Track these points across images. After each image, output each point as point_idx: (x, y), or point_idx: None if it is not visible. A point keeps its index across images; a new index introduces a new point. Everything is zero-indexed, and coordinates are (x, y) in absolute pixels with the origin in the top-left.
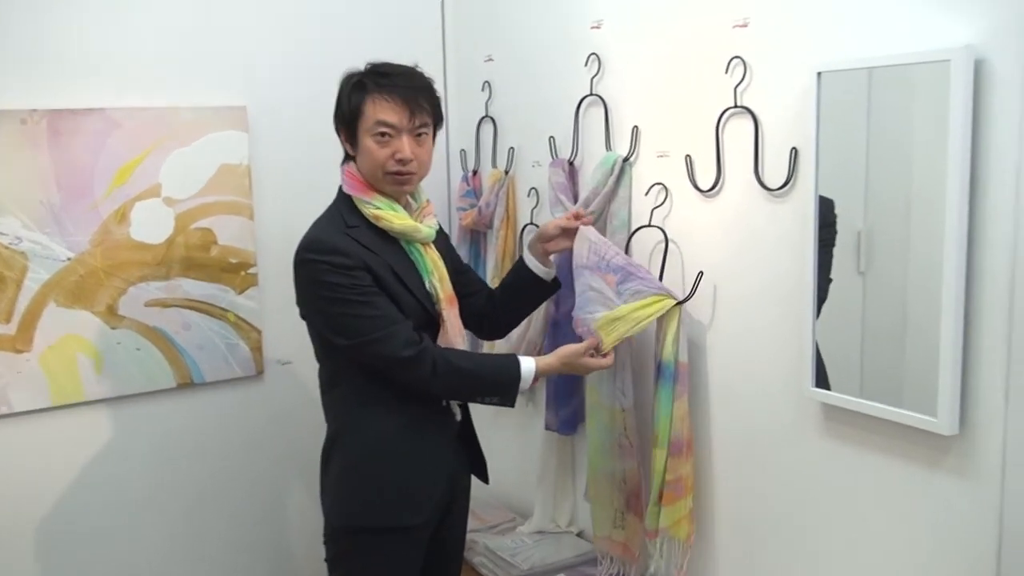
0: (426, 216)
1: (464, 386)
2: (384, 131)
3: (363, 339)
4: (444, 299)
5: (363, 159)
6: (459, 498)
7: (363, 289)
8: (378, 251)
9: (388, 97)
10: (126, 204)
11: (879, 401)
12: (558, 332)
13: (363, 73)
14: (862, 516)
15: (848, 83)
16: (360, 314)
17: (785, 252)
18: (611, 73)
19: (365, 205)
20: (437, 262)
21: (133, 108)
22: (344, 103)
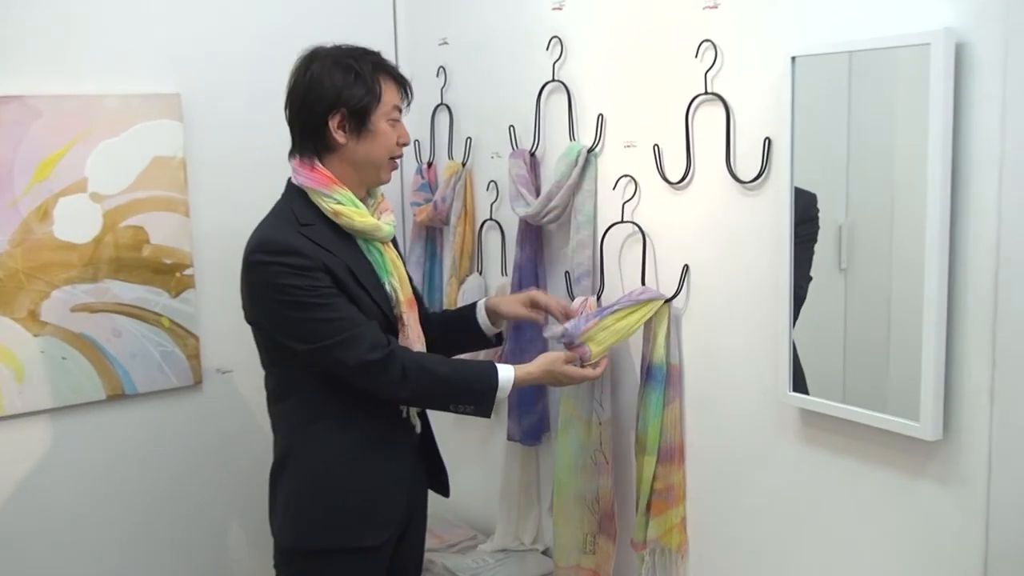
0: (384, 212)
1: (436, 393)
2: (397, 116)
3: (325, 343)
4: (404, 302)
5: (370, 146)
6: (417, 514)
7: (322, 291)
8: (335, 251)
9: (397, 82)
10: (49, 200)
11: (859, 405)
12: (521, 336)
13: (358, 54)
14: (842, 525)
15: (824, 68)
16: (321, 317)
17: (760, 249)
18: (574, 58)
19: (325, 199)
20: (396, 262)
21: (55, 96)
22: (362, 85)
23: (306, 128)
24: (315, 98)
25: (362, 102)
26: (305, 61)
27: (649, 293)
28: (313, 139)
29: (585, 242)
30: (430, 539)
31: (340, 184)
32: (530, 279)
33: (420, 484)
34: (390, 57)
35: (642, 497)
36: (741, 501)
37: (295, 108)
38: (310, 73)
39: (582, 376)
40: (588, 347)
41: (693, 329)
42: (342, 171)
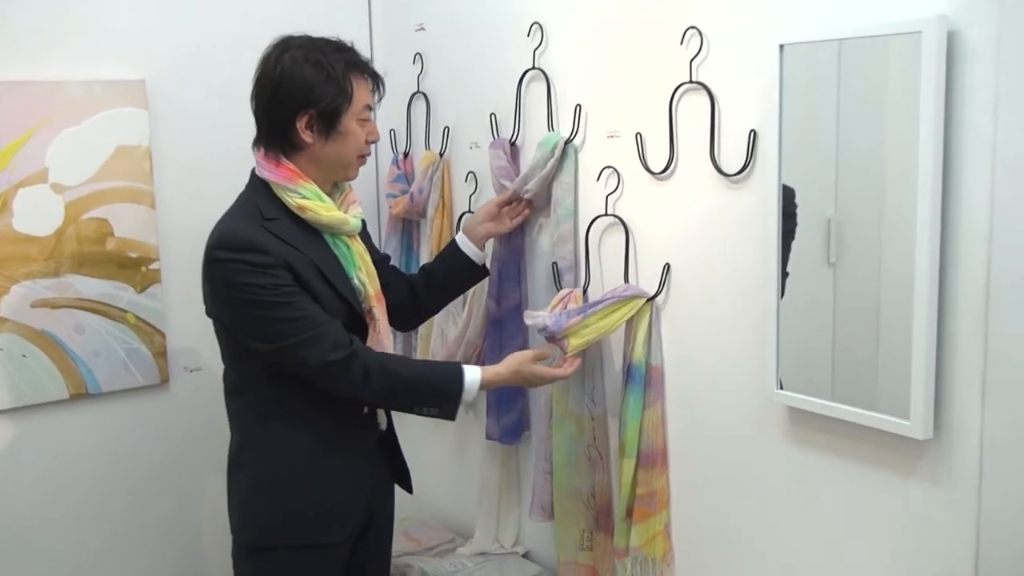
0: (351, 205)
1: (400, 394)
2: (367, 115)
3: (287, 343)
4: (373, 296)
5: (340, 146)
6: (380, 513)
7: (284, 290)
8: (300, 246)
9: (365, 78)
10: (8, 191)
11: (848, 403)
12: (501, 331)
13: (329, 49)
14: (831, 526)
15: (813, 57)
16: (283, 316)
17: (745, 243)
18: (556, 44)
19: (290, 194)
20: (364, 256)
21: (13, 82)
22: (332, 86)
23: (273, 125)
24: (284, 96)
25: (333, 103)
26: (275, 52)
27: (632, 291)
28: (280, 137)
29: (567, 236)
30: (407, 542)
31: (305, 178)
32: (512, 273)
33: (383, 481)
34: (362, 44)
35: (622, 502)
36: (729, 504)
37: (263, 103)
38: (280, 67)
39: (552, 376)
40: (568, 340)
41: (675, 327)
42: (308, 168)
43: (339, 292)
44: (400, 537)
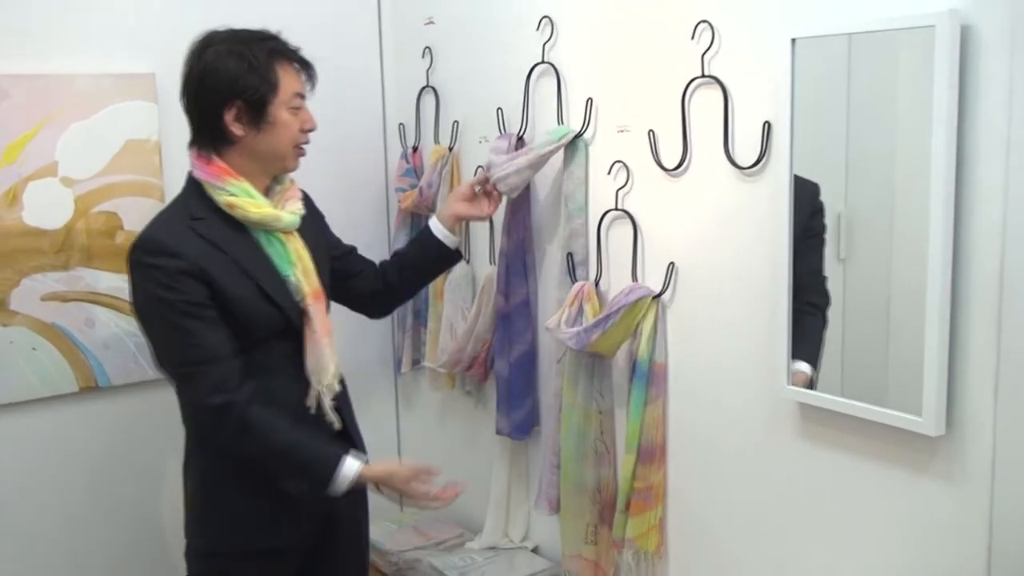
0: (289, 200)
1: (268, 462)
2: (299, 104)
3: (171, 369)
4: (309, 294)
5: (272, 137)
6: (343, 515)
7: (186, 308)
8: (226, 246)
9: (298, 66)
10: (17, 185)
11: (860, 400)
12: (510, 327)
13: (250, 41)
14: (842, 523)
15: (825, 51)
16: (174, 341)
17: (758, 237)
18: (566, 39)
19: (219, 192)
20: (301, 252)
21: (22, 75)
22: (255, 76)
23: (202, 121)
24: (208, 90)
25: (258, 93)
26: (198, 48)
27: (638, 292)
28: (210, 132)
29: (579, 231)
30: (416, 537)
31: (236, 176)
32: (519, 269)
33: None
34: (372, 37)
35: (623, 495)
36: (733, 501)
37: (190, 100)
38: (203, 62)
39: (418, 494)
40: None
41: (683, 324)
42: (243, 163)
43: (266, 292)
44: (409, 532)
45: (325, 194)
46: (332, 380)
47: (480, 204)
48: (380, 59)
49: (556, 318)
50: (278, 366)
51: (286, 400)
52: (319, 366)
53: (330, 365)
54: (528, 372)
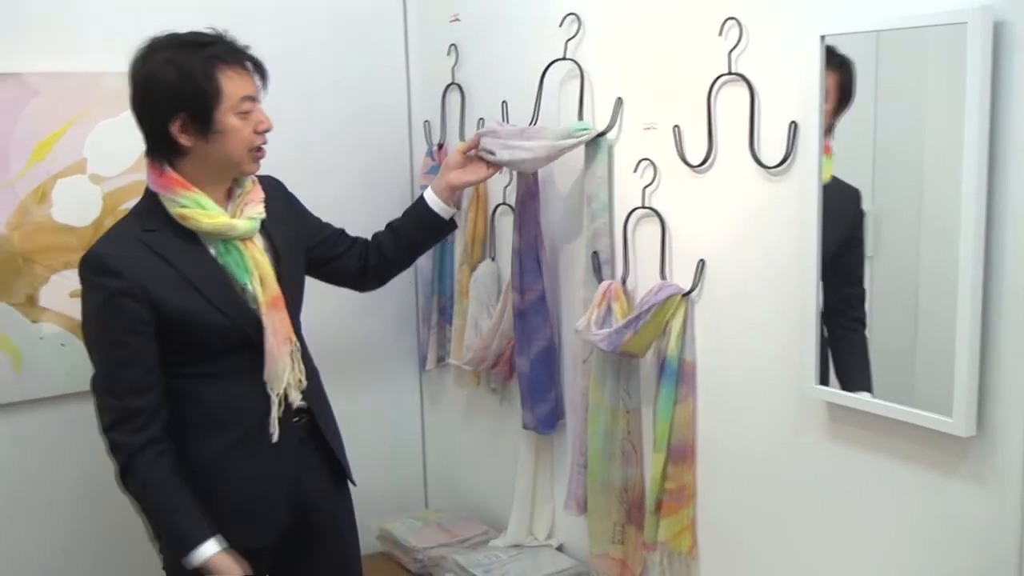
0: (249, 204)
1: (141, 510)
2: (249, 107)
3: (93, 383)
4: (266, 302)
5: (223, 144)
6: (319, 513)
7: (115, 336)
8: (175, 260)
9: (243, 68)
10: (47, 182)
11: (889, 400)
12: (525, 323)
13: (189, 48)
14: (871, 524)
15: (855, 49)
16: (99, 361)
17: (785, 236)
18: (591, 35)
19: (170, 203)
20: (259, 259)
21: (52, 73)
22: (194, 86)
23: (150, 133)
24: (152, 104)
25: (200, 102)
26: (138, 58)
27: (668, 290)
28: (161, 144)
29: (603, 230)
30: (441, 534)
31: (187, 187)
32: (531, 265)
33: (313, 476)
34: (397, 35)
35: (652, 495)
36: (760, 500)
37: (136, 112)
38: (142, 73)
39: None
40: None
41: (710, 322)
42: (198, 171)
43: (214, 303)
44: (434, 529)
45: (350, 191)
46: (289, 389)
47: (475, 169)
48: (405, 56)
49: (585, 319)
50: (237, 375)
51: (244, 409)
52: (272, 375)
53: (284, 374)
54: (549, 367)
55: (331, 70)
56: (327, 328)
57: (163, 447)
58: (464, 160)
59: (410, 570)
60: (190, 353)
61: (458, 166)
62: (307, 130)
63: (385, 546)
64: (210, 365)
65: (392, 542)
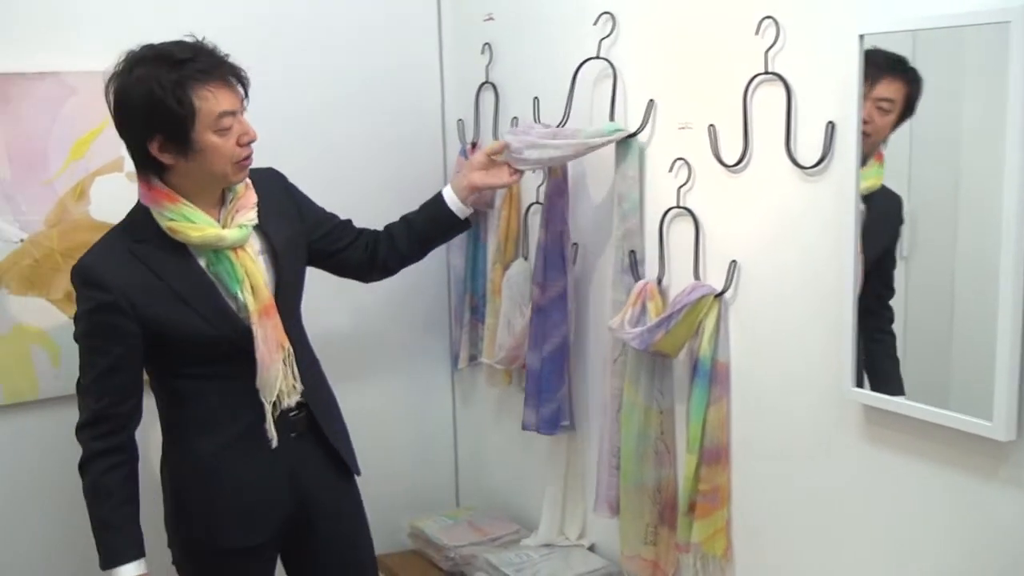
0: (240, 211)
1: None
2: (229, 122)
3: (77, 384)
4: (257, 311)
5: (204, 162)
6: (321, 508)
7: (97, 344)
8: (163, 272)
9: (219, 83)
10: (85, 180)
11: (927, 403)
12: (545, 320)
13: (162, 66)
14: (907, 529)
15: (895, 48)
16: (82, 363)
17: (823, 238)
18: (626, 34)
19: (159, 216)
20: (250, 267)
21: (90, 72)
22: (165, 109)
23: (131, 150)
24: (128, 125)
25: (174, 123)
26: (113, 75)
27: (700, 290)
28: (145, 160)
29: (634, 230)
30: (472, 533)
31: (175, 199)
32: (556, 261)
33: (312, 473)
34: (431, 33)
35: (685, 496)
36: (793, 503)
37: (117, 130)
38: (118, 93)
39: None
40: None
41: (744, 323)
42: (186, 184)
43: (202, 315)
44: (465, 527)
45: (383, 189)
46: (282, 396)
47: (498, 173)
48: (439, 55)
49: (619, 318)
50: (233, 377)
51: (240, 410)
52: (264, 383)
53: (276, 382)
54: (560, 366)
55: (365, 69)
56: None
57: (121, 459)
58: (488, 162)
59: (441, 568)
60: (185, 359)
61: (481, 167)
62: (341, 128)
63: (416, 544)
64: (205, 368)
65: (423, 540)
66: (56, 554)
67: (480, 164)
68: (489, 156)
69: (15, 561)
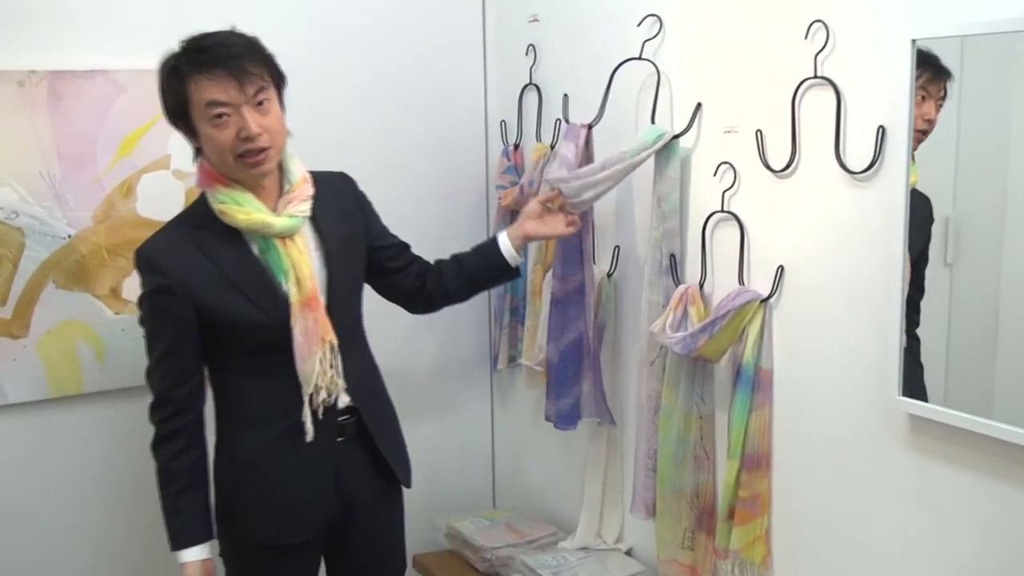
0: (293, 201)
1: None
2: (220, 112)
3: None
4: (299, 302)
5: (209, 151)
6: (361, 509)
7: (157, 326)
8: (216, 257)
9: (210, 74)
10: (132, 177)
11: (971, 412)
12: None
13: (175, 56)
14: (954, 541)
15: (947, 53)
16: (147, 347)
17: (870, 243)
18: (672, 36)
19: (210, 198)
20: (298, 258)
21: (140, 70)
22: (167, 96)
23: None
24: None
25: (174, 112)
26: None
27: (745, 296)
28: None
29: (673, 231)
30: (509, 534)
31: (225, 182)
32: (574, 255)
33: (358, 478)
34: (475, 35)
35: (725, 503)
36: (835, 512)
37: None
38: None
39: None
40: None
41: (789, 330)
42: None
43: (253, 301)
44: (502, 528)
45: (426, 190)
46: (319, 391)
47: (553, 222)
48: (483, 57)
49: (660, 322)
50: (278, 373)
51: (284, 407)
52: (302, 375)
53: (314, 375)
54: (576, 362)
55: (409, 70)
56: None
57: (186, 444)
58: (543, 211)
59: (477, 569)
60: (233, 349)
61: (536, 216)
62: (384, 129)
63: (453, 544)
64: (252, 362)
65: (460, 540)
66: (96, 546)
67: (535, 213)
68: (543, 204)
69: (56, 553)
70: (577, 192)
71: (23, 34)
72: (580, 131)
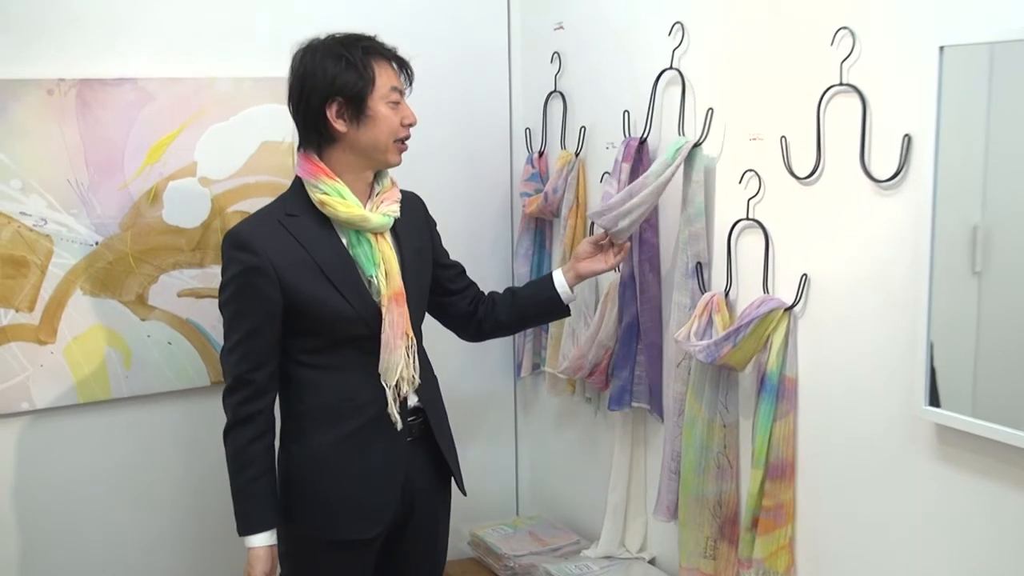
0: (385, 201)
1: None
2: (396, 98)
3: (221, 350)
4: (388, 295)
5: (372, 131)
6: (422, 509)
7: (244, 307)
8: (310, 245)
9: (389, 63)
10: (159, 184)
11: (1000, 423)
12: (623, 294)
13: (338, 43)
14: (981, 553)
15: (975, 60)
16: (228, 329)
17: (896, 252)
18: (697, 45)
19: (312, 189)
20: (388, 254)
21: (167, 79)
22: (353, 73)
23: (307, 121)
24: (310, 90)
25: (356, 88)
26: (299, 55)
27: (770, 304)
28: (315, 131)
29: (699, 235)
30: (532, 542)
31: (331, 176)
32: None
33: (421, 476)
34: (500, 42)
35: (748, 512)
36: (860, 523)
37: (294, 102)
38: (304, 66)
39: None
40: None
41: (814, 338)
42: (347, 160)
43: (341, 291)
44: (525, 536)
45: (450, 197)
46: (401, 383)
47: (603, 257)
48: (508, 64)
49: (685, 330)
50: (355, 367)
51: (360, 402)
52: (386, 366)
53: (398, 367)
54: (628, 347)
55: (434, 76)
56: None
57: (262, 429)
58: (594, 250)
59: None
60: (312, 340)
61: (588, 256)
62: None
63: (476, 552)
64: (330, 355)
65: (483, 548)
66: (121, 551)
67: (587, 253)
68: (594, 244)
69: (83, 558)
70: (614, 222)
71: (52, 43)
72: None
